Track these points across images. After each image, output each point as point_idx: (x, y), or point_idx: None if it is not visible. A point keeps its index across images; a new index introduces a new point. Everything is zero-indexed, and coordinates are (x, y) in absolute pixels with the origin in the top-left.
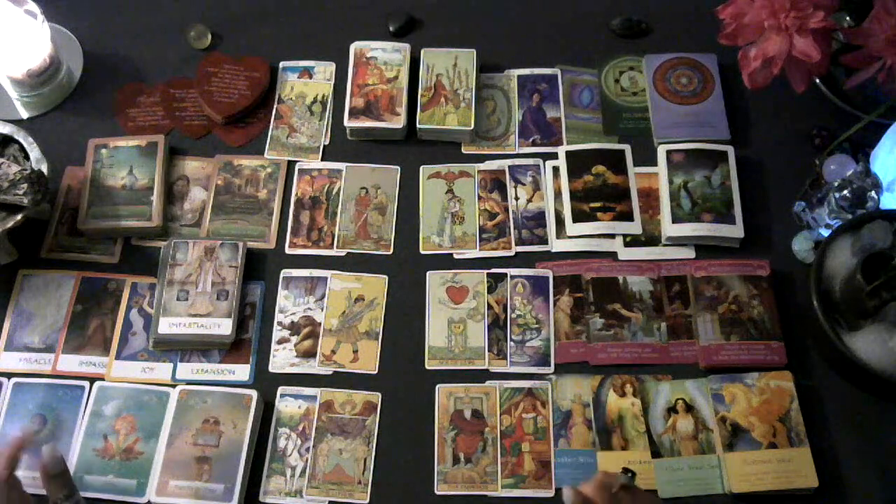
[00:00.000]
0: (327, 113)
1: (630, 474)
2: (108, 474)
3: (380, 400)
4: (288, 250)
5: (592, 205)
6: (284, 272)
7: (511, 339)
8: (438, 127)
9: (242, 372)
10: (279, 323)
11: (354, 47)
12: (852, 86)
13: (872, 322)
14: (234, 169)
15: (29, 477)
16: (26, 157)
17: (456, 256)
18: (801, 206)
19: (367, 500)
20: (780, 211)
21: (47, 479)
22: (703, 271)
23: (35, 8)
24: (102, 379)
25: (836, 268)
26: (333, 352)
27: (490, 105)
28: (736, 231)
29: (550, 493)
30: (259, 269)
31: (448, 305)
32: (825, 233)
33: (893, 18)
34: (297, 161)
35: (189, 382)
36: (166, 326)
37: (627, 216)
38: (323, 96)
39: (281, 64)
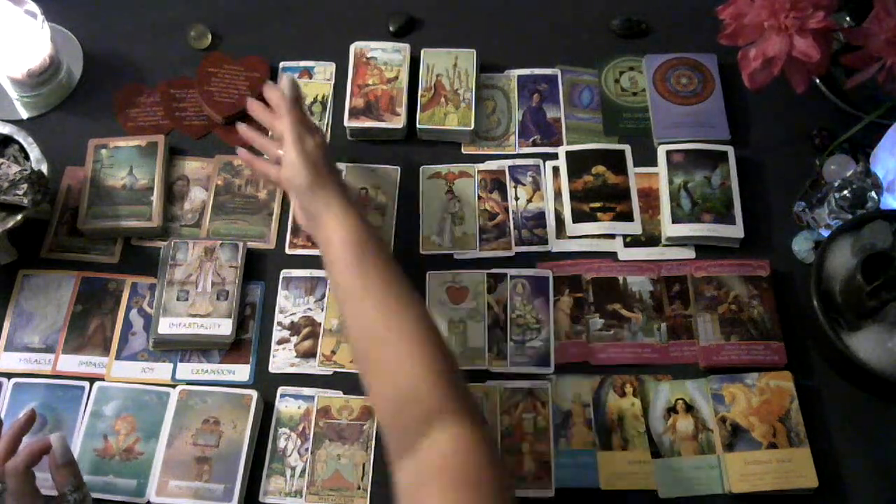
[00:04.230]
0: (327, 113)
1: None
2: (108, 474)
3: None
4: (288, 250)
5: (592, 205)
6: (284, 272)
7: (511, 340)
8: (438, 127)
9: (242, 372)
10: (279, 323)
11: (354, 47)
12: (852, 86)
13: (872, 322)
14: (234, 169)
15: (41, 478)
16: (26, 157)
17: (456, 257)
18: (802, 206)
19: None
20: (780, 211)
21: (55, 468)
22: (703, 271)
23: (35, 8)
24: (102, 379)
25: (836, 268)
26: (333, 352)
27: (490, 105)
28: (736, 231)
29: (550, 493)
30: (259, 269)
31: (448, 306)
32: (825, 233)
33: (893, 19)
34: None
35: (189, 382)
36: (166, 326)
37: (627, 216)
38: (323, 96)
39: (281, 64)
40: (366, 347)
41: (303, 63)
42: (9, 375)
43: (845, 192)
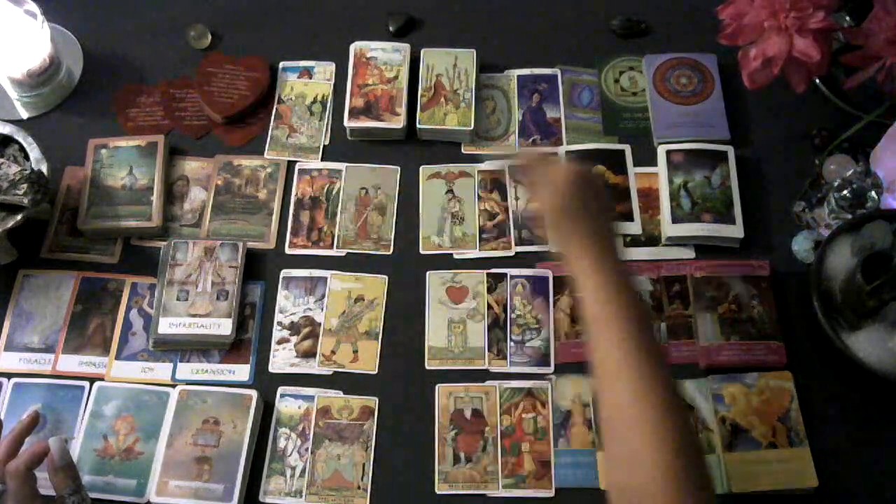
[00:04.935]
0: (327, 113)
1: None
2: (108, 474)
3: (377, 404)
4: (288, 250)
5: None
6: (284, 272)
7: (511, 339)
8: (438, 127)
9: (242, 372)
10: (279, 323)
11: (354, 47)
12: (852, 86)
13: (872, 322)
14: (234, 169)
15: (41, 478)
16: (26, 157)
17: (456, 256)
18: (801, 206)
19: None
20: (780, 211)
21: (53, 471)
22: (703, 271)
23: (35, 8)
24: (102, 379)
25: (836, 268)
26: (333, 352)
27: (490, 105)
28: (736, 231)
29: (550, 493)
30: (259, 269)
31: (448, 305)
32: (825, 233)
33: (893, 18)
34: (296, 161)
35: (189, 382)
36: (166, 326)
37: (627, 216)
38: (323, 96)
39: (281, 64)
40: (607, 417)
41: (303, 63)
42: (9, 375)
43: (845, 191)
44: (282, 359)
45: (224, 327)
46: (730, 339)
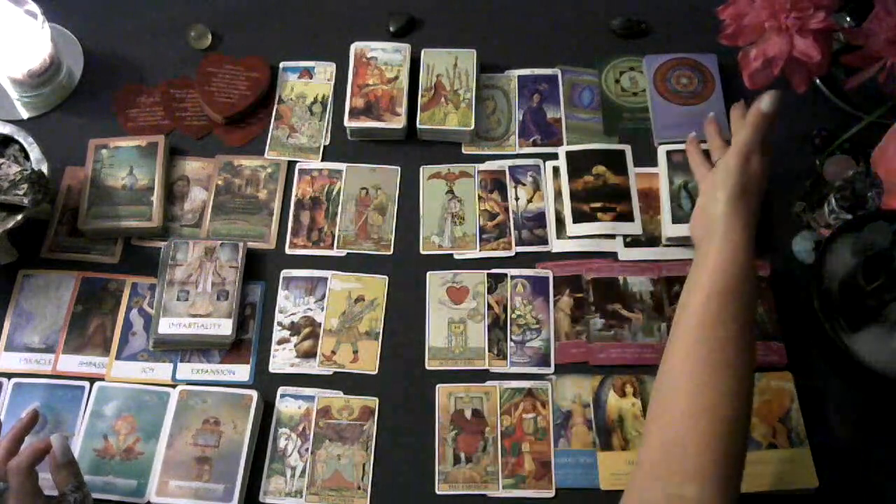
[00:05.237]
0: (327, 113)
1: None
2: (108, 474)
3: (377, 405)
4: (288, 251)
5: (593, 205)
6: (284, 272)
7: (511, 340)
8: (438, 127)
9: (242, 372)
10: (279, 323)
11: (355, 47)
12: (853, 86)
13: (873, 323)
14: (235, 169)
15: (42, 476)
16: (26, 157)
17: (456, 257)
18: (802, 207)
19: None
20: (780, 211)
21: (56, 468)
22: None
23: (35, 8)
24: (102, 379)
25: (836, 268)
26: (333, 352)
27: (490, 105)
28: None
29: (551, 493)
30: (259, 269)
31: (448, 306)
32: (825, 233)
33: (893, 18)
34: (297, 161)
35: (189, 382)
36: (166, 326)
37: (628, 216)
38: (323, 96)
39: (281, 64)
40: (664, 388)
41: (303, 63)
42: (9, 375)
43: (846, 192)
44: (282, 359)
45: (224, 327)
46: None
